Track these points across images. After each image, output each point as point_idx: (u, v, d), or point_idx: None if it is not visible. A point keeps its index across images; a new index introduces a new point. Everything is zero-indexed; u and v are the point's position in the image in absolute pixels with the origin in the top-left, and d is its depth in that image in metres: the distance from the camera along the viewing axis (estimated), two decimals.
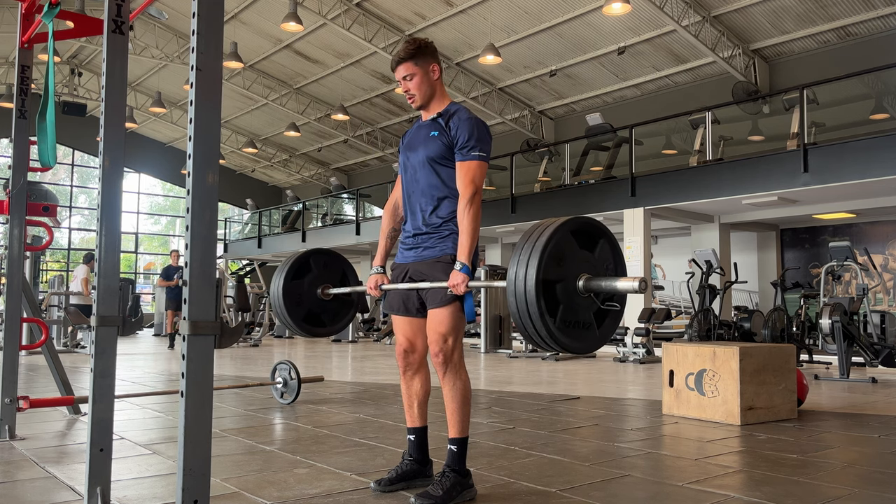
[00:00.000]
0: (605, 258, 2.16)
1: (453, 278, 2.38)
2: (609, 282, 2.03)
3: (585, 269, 2.08)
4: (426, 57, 2.58)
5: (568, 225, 2.06)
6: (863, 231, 13.38)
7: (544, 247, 1.99)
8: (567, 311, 2.04)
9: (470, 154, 2.49)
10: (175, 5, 15.80)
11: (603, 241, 2.16)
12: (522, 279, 1.99)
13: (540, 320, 1.97)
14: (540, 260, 1.97)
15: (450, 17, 14.17)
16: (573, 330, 2.05)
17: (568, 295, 2.04)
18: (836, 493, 2.63)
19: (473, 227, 2.43)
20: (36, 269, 10.75)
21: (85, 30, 3.49)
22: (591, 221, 2.16)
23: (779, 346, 4.51)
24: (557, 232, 2.03)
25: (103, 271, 2.35)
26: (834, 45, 12.80)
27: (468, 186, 2.47)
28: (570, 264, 2.05)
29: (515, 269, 2.02)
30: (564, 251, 2.04)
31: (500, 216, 13.50)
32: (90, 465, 2.24)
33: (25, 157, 3.74)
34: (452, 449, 2.50)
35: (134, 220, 24.70)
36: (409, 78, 2.59)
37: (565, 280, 2.04)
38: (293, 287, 2.95)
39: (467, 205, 2.44)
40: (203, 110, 1.82)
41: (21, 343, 3.85)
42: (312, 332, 3.05)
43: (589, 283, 2.04)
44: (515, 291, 2.00)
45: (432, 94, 2.62)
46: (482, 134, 2.51)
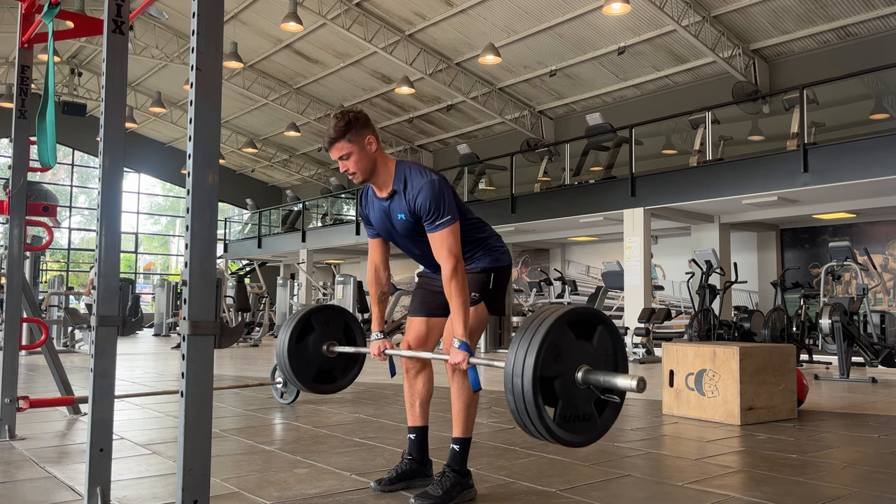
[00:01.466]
0: (604, 346, 2.11)
1: (454, 357, 2.35)
2: (608, 377, 1.98)
3: (584, 360, 2.04)
4: (359, 131, 2.42)
5: (564, 318, 2.01)
6: (863, 231, 13.38)
7: (540, 345, 1.94)
8: (566, 406, 2.00)
9: (437, 225, 2.40)
10: (175, 5, 15.80)
11: (601, 328, 2.12)
12: (520, 377, 1.95)
13: (539, 420, 1.94)
14: (536, 360, 1.93)
15: (450, 17, 14.17)
16: (573, 423, 2.01)
17: (567, 389, 2.00)
18: (836, 492, 2.63)
19: (463, 299, 2.37)
20: (36, 269, 10.76)
21: (85, 30, 3.49)
22: (587, 311, 2.11)
23: (779, 346, 4.51)
24: (553, 327, 1.98)
25: (103, 271, 2.35)
26: (834, 45, 12.80)
27: (447, 259, 2.38)
28: (568, 358, 2.01)
29: (512, 366, 1.98)
30: (561, 345, 2.00)
31: (500, 216, 13.50)
32: (90, 465, 2.24)
33: (25, 157, 3.74)
34: (455, 448, 2.50)
35: (134, 220, 24.70)
36: (346, 157, 2.42)
37: (563, 375, 2.00)
38: (299, 350, 2.95)
39: (451, 277, 2.37)
40: (203, 110, 1.82)
41: (21, 343, 3.85)
42: (325, 391, 3.06)
43: (587, 376, 2.00)
44: (513, 390, 1.96)
45: (374, 168, 2.47)
46: (441, 197, 2.39)
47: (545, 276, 14.04)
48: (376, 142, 2.47)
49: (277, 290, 15.93)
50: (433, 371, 2.75)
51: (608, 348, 2.12)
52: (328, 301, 16.11)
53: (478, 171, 15.68)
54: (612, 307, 14.29)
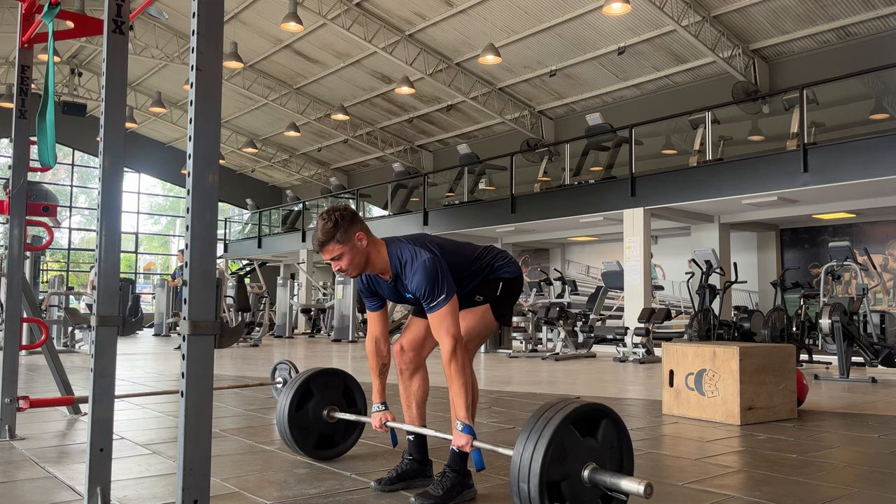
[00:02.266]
0: (609, 440, 2.10)
1: (457, 440, 2.35)
2: (614, 480, 1.97)
3: (590, 457, 2.03)
4: (347, 230, 2.40)
5: (569, 418, 2.00)
6: (863, 231, 13.38)
7: (546, 450, 1.93)
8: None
9: (433, 306, 2.38)
10: (175, 5, 15.80)
11: (605, 421, 2.11)
12: (526, 482, 1.93)
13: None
14: (542, 466, 1.92)
15: (450, 17, 14.18)
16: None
17: (573, 489, 1.99)
18: (836, 492, 2.63)
19: (464, 382, 2.35)
20: (36, 269, 10.75)
21: (85, 30, 3.49)
22: (591, 407, 2.09)
23: (779, 346, 4.51)
24: (560, 430, 1.97)
25: (103, 271, 2.35)
26: (834, 45, 12.81)
27: (446, 338, 2.35)
28: (574, 457, 2.00)
29: (518, 469, 1.96)
30: (566, 447, 1.98)
31: (500, 216, 13.50)
32: (90, 465, 2.24)
33: (25, 157, 3.74)
34: (454, 449, 2.50)
35: (134, 220, 24.71)
36: (338, 258, 2.42)
37: (570, 477, 1.98)
38: (299, 417, 2.94)
39: (451, 360, 2.34)
40: (203, 110, 1.82)
41: (21, 343, 3.85)
42: (326, 457, 3.04)
43: (594, 475, 1.99)
44: (520, 494, 1.95)
45: (367, 261, 2.46)
46: (435, 278, 2.38)
47: (545, 276, 14.02)
48: (366, 236, 2.44)
49: (277, 290, 15.93)
50: (428, 371, 2.75)
51: (613, 441, 2.11)
52: (329, 301, 16.12)
53: (478, 171, 15.68)
54: (612, 307, 14.29)
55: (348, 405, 3.09)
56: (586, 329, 10.39)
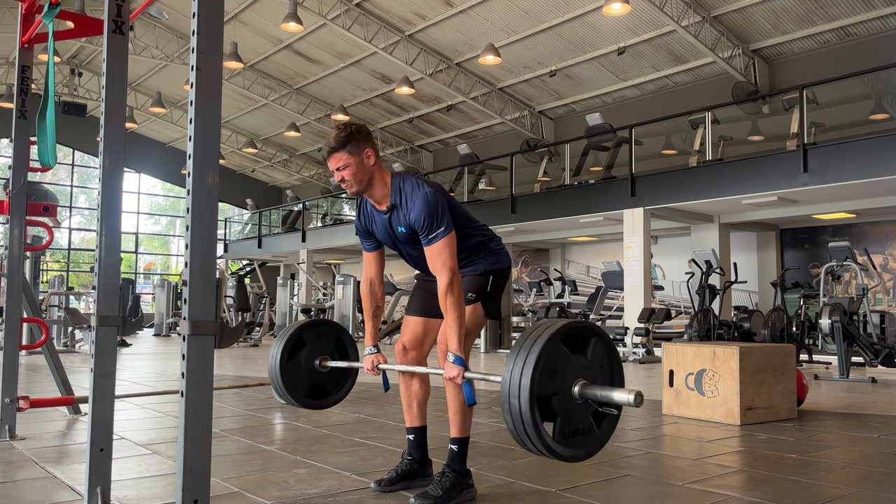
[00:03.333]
0: (599, 358, 2.10)
1: (448, 371, 2.34)
2: (605, 392, 1.98)
3: (581, 374, 2.03)
4: (359, 143, 2.44)
5: (557, 334, 2.00)
6: (863, 231, 13.38)
7: (535, 364, 1.93)
8: (565, 422, 2.01)
9: (431, 238, 2.40)
10: (175, 5, 15.80)
11: (595, 340, 2.11)
12: (517, 398, 1.94)
13: (538, 439, 1.95)
14: (532, 380, 1.92)
15: (450, 17, 14.17)
16: (572, 438, 2.02)
17: (564, 405, 2.00)
18: (836, 492, 2.63)
19: (459, 314, 2.36)
20: (36, 269, 10.75)
21: (85, 30, 3.49)
22: (580, 325, 2.09)
23: (778, 346, 4.51)
24: (549, 345, 1.97)
25: (103, 271, 2.35)
26: (834, 45, 12.81)
27: (442, 272, 2.38)
28: (564, 374, 2.01)
29: (508, 386, 1.97)
30: (556, 363, 1.99)
31: (501, 216, 13.50)
32: (90, 465, 2.24)
33: (25, 157, 3.74)
34: (453, 448, 2.50)
35: (134, 220, 24.70)
36: (343, 167, 2.44)
37: (560, 391, 2.00)
38: (291, 367, 2.91)
39: (447, 290, 2.36)
40: (203, 110, 1.82)
41: (21, 343, 3.85)
42: (318, 406, 3.02)
43: (584, 390, 2.00)
44: (511, 409, 1.96)
45: (370, 180, 2.48)
46: (435, 211, 2.40)
47: (545, 276, 14.04)
48: (375, 156, 2.48)
49: (277, 290, 15.93)
50: None
51: (603, 360, 2.11)
52: (329, 301, 16.12)
53: (478, 171, 15.68)
54: (612, 307, 14.29)
55: (340, 357, 3.04)
56: None
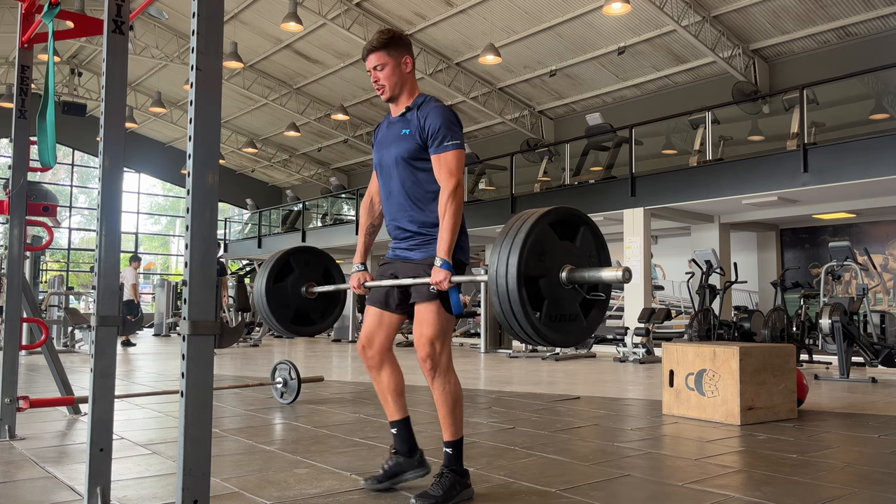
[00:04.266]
0: (587, 247, 2.11)
1: (435, 275, 2.32)
2: (593, 272, 1.98)
3: (568, 260, 2.04)
4: (399, 48, 2.50)
5: (546, 217, 2.01)
6: (863, 231, 13.38)
7: (523, 243, 1.93)
8: (552, 305, 2.01)
9: (444, 145, 2.41)
10: (175, 5, 15.80)
11: (584, 229, 2.11)
12: (504, 277, 1.93)
13: (525, 319, 1.93)
14: (520, 257, 1.92)
15: (450, 17, 14.17)
16: (559, 323, 2.02)
17: (552, 289, 2.00)
18: (836, 493, 2.63)
19: (455, 222, 2.35)
20: (36, 269, 10.75)
21: (85, 30, 3.49)
22: (569, 210, 2.10)
23: (779, 346, 4.51)
24: (536, 225, 1.97)
25: (103, 271, 2.35)
26: (834, 45, 12.80)
27: (448, 179, 2.39)
28: (552, 257, 2.01)
29: (496, 267, 1.97)
30: (544, 245, 1.99)
31: (500, 216, 13.49)
32: (90, 465, 2.24)
33: (25, 157, 3.74)
34: (448, 452, 2.49)
35: (134, 220, 24.70)
36: (380, 68, 2.49)
37: (548, 274, 2.00)
38: (277, 290, 2.89)
39: (449, 198, 2.36)
40: (203, 110, 1.82)
41: (21, 343, 3.85)
42: (301, 333, 3.00)
43: (572, 274, 2.00)
44: (498, 291, 1.95)
45: (402, 87, 2.52)
46: (452, 122, 2.44)
47: None
48: (412, 65, 2.54)
49: None
50: (396, 361, 2.70)
51: (591, 249, 2.11)
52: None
53: (478, 171, 15.68)
54: (613, 307, 14.29)
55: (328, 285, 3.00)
56: None
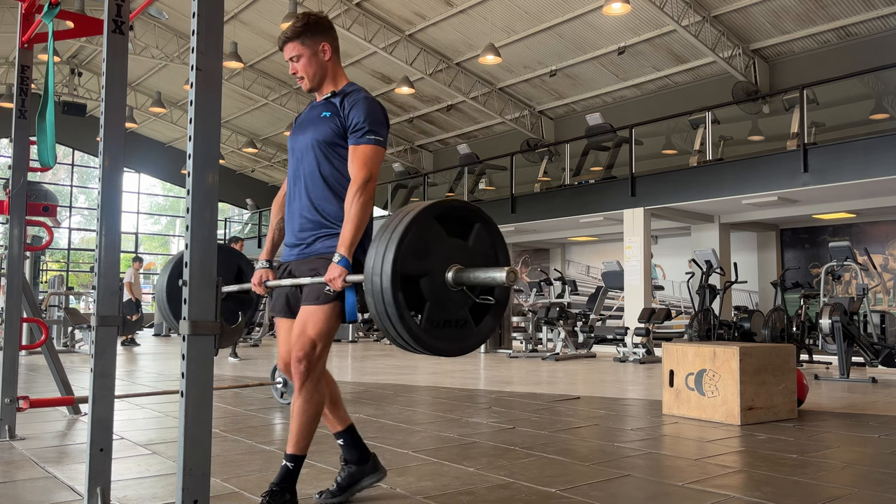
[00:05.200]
0: (482, 247, 1.90)
1: (330, 272, 2.11)
2: (478, 273, 1.78)
3: (458, 259, 1.83)
4: (316, 35, 2.33)
5: (432, 210, 1.80)
6: (863, 231, 13.37)
7: (401, 238, 1.74)
8: (436, 309, 1.80)
9: (364, 138, 2.24)
10: (175, 5, 15.80)
11: (479, 225, 1.90)
12: (379, 276, 1.74)
13: (401, 322, 1.74)
14: (396, 254, 1.72)
15: (450, 17, 14.17)
16: (443, 330, 1.82)
17: (436, 290, 1.80)
18: (836, 492, 2.63)
19: (361, 217, 2.17)
20: (36, 269, 10.76)
21: (85, 30, 3.49)
22: (462, 205, 1.91)
23: (779, 346, 4.51)
24: (419, 219, 1.77)
25: (103, 271, 2.35)
26: (834, 45, 12.80)
27: (360, 171, 2.21)
28: (437, 255, 1.80)
29: (371, 264, 1.77)
30: (428, 241, 1.79)
31: (500, 216, 13.50)
32: (90, 465, 2.24)
33: (25, 157, 3.74)
34: (288, 466, 2.27)
35: (134, 220, 24.70)
36: (297, 59, 2.33)
37: (431, 273, 1.79)
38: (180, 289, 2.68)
39: (358, 191, 2.19)
40: (203, 110, 1.82)
41: (21, 343, 3.84)
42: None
43: (459, 275, 1.80)
44: (373, 291, 1.75)
45: (323, 76, 2.36)
46: (378, 118, 2.27)
47: (545, 276, 14.02)
48: (332, 52, 2.36)
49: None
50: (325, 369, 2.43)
51: (488, 248, 1.91)
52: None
53: (478, 171, 15.68)
54: (612, 307, 14.28)
55: None
56: (586, 329, 10.39)
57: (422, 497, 2.52)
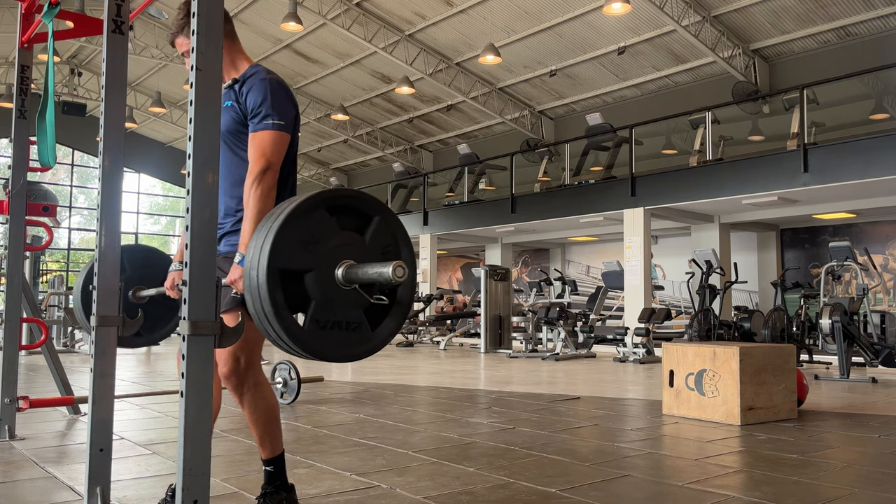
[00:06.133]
0: (381, 242, 1.74)
1: (231, 273, 1.97)
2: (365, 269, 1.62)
3: (352, 255, 1.67)
4: None
5: (321, 200, 1.65)
6: (863, 231, 13.37)
7: (281, 227, 1.58)
8: (322, 309, 1.65)
9: (262, 123, 2.09)
10: (175, 5, 15.78)
11: (378, 219, 1.74)
12: (255, 270, 1.58)
13: (278, 322, 1.58)
14: (274, 245, 1.57)
15: (450, 17, 14.17)
16: (331, 332, 1.66)
17: (323, 288, 1.64)
18: (836, 493, 2.63)
19: (259, 210, 2.01)
20: (36, 269, 10.76)
21: (85, 30, 3.49)
22: (357, 195, 1.74)
23: (779, 346, 4.51)
24: (304, 208, 1.62)
25: (103, 271, 2.34)
26: (834, 45, 12.80)
27: (257, 160, 2.06)
28: (326, 249, 1.65)
29: (250, 257, 1.62)
30: (316, 232, 1.64)
31: (500, 216, 13.51)
32: (90, 465, 2.23)
33: (25, 157, 3.74)
34: (269, 470, 2.24)
35: (134, 220, 24.70)
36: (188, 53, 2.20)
37: (317, 269, 1.63)
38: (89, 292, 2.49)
39: (254, 183, 2.03)
40: (203, 110, 1.82)
41: (21, 343, 3.84)
42: (128, 344, 2.52)
43: (350, 271, 1.64)
44: (249, 286, 1.60)
45: None
46: (278, 98, 2.11)
47: (545, 276, 14.03)
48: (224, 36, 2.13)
49: None
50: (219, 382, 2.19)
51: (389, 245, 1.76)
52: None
53: (478, 171, 15.69)
54: (612, 307, 14.28)
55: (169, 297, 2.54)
56: (586, 329, 10.40)
57: (422, 497, 2.52)
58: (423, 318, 13.47)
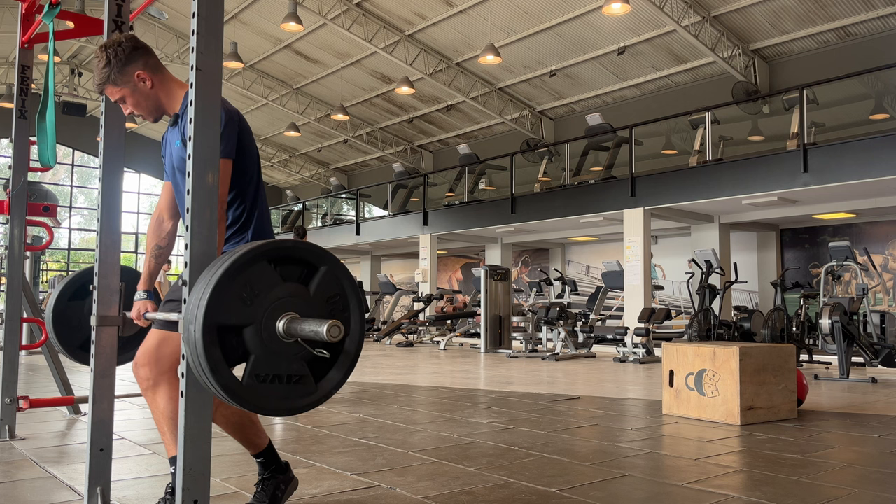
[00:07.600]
0: (327, 293, 1.70)
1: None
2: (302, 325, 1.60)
3: (296, 306, 1.64)
4: (123, 69, 2.07)
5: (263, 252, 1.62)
6: (863, 231, 13.37)
7: (218, 282, 1.55)
8: (262, 363, 1.63)
9: None
10: (175, 5, 15.80)
11: (325, 269, 1.70)
12: (192, 324, 1.55)
13: (213, 377, 1.55)
14: (210, 300, 1.54)
15: (450, 17, 14.18)
16: (271, 386, 1.63)
17: (262, 342, 1.61)
18: (836, 493, 2.63)
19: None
20: (36, 269, 10.75)
21: (85, 30, 3.48)
22: (301, 246, 1.70)
23: (779, 346, 4.51)
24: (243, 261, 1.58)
25: (103, 271, 2.34)
26: (834, 45, 12.81)
27: None
28: (266, 302, 1.62)
29: (188, 311, 1.60)
30: (255, 286, 1.61)
31: (500, 216, 13.50)
32: (90, 465, 2.24)
33: (25, 157, 3.74)
34: (261, 461, 2.32)
35: (134, 220, 24.71)
36: (123, 101, 2.13)
37: (257, 323, 1.61)
38: (70, 310, 2.54)
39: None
40: (203, 110, 1.82)
41: (21, 343, 3.85)
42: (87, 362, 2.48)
43: (291, 325, 1.62)
44: (187, 340, 1.58)
45: (158, 104, 2.16)
46: None
47: (545, 276, 14.02)
48: (150, 76, 2.11)
49: None
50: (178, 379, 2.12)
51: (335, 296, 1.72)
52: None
53: (478, 171, 15.69)
54: (612, 307, 14.28)
55: None
56: (586, 329, 10.40)
57: (422, 497, 2.52)
58: (423, 318, 13.47)
